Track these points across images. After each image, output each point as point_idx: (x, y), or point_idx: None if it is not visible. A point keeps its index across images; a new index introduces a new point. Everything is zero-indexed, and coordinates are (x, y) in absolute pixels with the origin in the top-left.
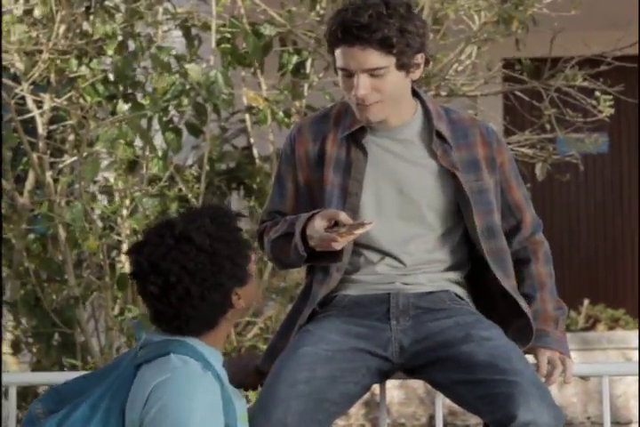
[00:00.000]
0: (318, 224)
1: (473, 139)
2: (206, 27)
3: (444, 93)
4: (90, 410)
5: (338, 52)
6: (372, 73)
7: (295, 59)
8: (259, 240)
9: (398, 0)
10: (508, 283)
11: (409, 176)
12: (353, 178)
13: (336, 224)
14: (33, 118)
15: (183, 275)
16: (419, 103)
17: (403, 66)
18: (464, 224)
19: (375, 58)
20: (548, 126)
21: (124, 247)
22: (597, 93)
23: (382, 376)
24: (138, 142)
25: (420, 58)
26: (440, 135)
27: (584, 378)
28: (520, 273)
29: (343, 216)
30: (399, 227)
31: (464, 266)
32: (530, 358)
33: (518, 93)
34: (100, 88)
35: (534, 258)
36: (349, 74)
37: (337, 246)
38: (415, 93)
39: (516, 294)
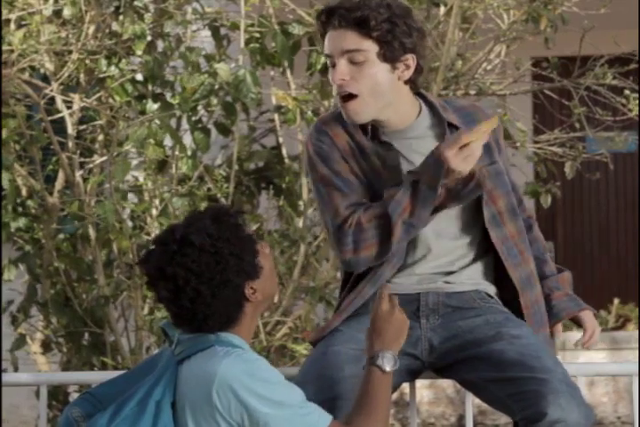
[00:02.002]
0: (448, 144)
1: (480, 123)
2: (235, 26)
3: (473, 92)
4: (138, 406)
5: (325, 39)
6: (352, 58)
7: (323, 58)
8: (355, 235)
9: (398, 2)
10: (518, 271)
11: None
12: (390, 168)
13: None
14: (63, 118)
15: (190, 277)
16: (422, 102)
17: (385, 57)
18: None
19: (353, 39)
20: (577, 125)
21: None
22: (627, 92)
23: (412, 375)
24: (167, 142)
25: (411, 58)
26: (452, 125)
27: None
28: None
29: (465, 132)
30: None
31: (488, 258)
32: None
33: (548, 92)
34: (129, 88)
35: (533, 222)
36: (333, 63)
37: (475, 149)
38: (416, 93)
39: (523, 285)
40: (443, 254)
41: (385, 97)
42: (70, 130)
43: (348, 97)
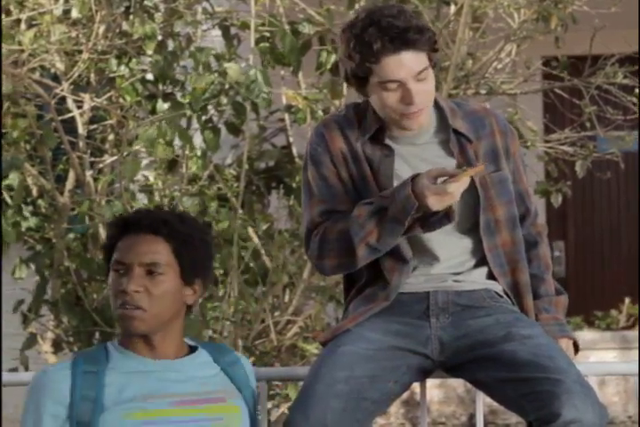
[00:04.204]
0: (425, 181)
1: (490, 128)
2: (245, 26)
3: (483, 92)
4: None
5: (382, 64)
6: (420, 77)
7: (334, 57)
8: (318, 247)
9: (404, 6)
10: (509, 279)
11: None
12: (383, 175)
13: None
14: (73, 118)
15: None
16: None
17: (434, 65)
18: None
19: (424, 58)
20: (588, 124)
21: None
22: (637, 91)
23: (422, 374)
24: (178, 141)
25: (435, 57)
26: (457, 132)
27: None
28: (527, 254)
29: (451, 169)
30: None
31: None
32: None
33: (558, 91)
34: (140, 88)
35: (540, 240)
36: (396, 86)
37: (455, 195)
38: None
39: (515, 292)
40: (452, 256)
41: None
42: (81, 129)
43: None
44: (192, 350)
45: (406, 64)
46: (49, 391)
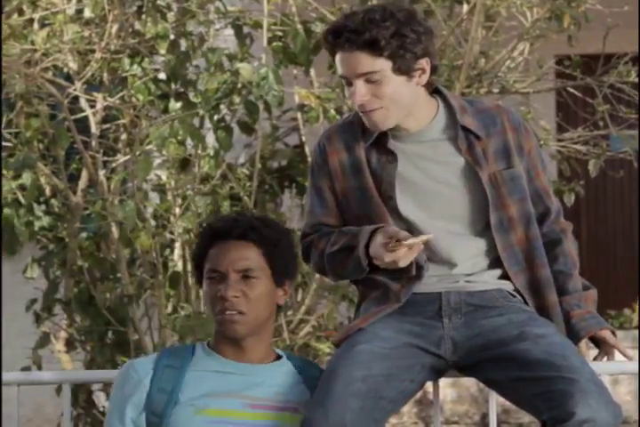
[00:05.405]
0: (378, 241)
1: (501, 125)
2: (258, 25)
3: (496, 90)
4: None
5: (336, 59)
6: (368, 78)
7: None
8: (304, 252)
9: (399, 7)
10: (528, 275)
11: (439, 176)
12: (386, 182)
13: (398, 240)
14: (86, 117)
15: None
16: (440, 101)
17: (400, 70)
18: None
19: (366, 61)
20: (601, 123)
21: (177, 246)
22: None
23: (436, 373)
24: (190, 141)
25: (424, 63)
26: (466, 129)
27: None
28: (553, 252)
29: (403, 234)
30: (442, 226)
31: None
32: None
33: (571, 90)
34: (152, 87)
35: (564, 237)
36: (349, 81)
37: (401, 264)
38: (436, 91)
39: (530, 292)
40: (467, 258)
41: (407, 106)
42: (94, 129)
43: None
44: (278, 358)
45: (348, 63)
46: (132, 380)
